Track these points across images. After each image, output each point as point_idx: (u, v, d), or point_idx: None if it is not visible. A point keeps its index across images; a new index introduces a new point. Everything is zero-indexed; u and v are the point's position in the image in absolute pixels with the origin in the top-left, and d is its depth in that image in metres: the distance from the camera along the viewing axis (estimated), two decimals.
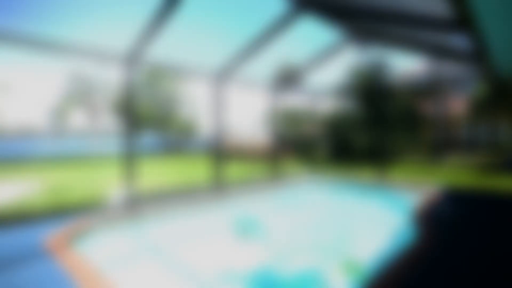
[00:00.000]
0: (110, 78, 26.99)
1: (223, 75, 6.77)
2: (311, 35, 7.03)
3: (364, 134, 17.60)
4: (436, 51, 6.16)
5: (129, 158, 5.42)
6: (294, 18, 5.46)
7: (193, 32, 5.01)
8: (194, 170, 12.65)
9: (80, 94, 25.25)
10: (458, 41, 5.11)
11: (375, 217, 5.84)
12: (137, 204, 5.51)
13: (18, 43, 4.32)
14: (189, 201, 5.71)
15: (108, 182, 9.11)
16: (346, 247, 3.45)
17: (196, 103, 31.16)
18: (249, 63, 6.62)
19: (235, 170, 12.29)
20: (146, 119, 27.93)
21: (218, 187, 6.91)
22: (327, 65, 7.73)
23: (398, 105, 16.18)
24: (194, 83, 30.01)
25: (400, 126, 15.03)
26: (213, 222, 5.70)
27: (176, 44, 5.76)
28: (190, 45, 5.97)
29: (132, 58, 5.23)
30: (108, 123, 29.03)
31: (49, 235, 3.84)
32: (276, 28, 5.65)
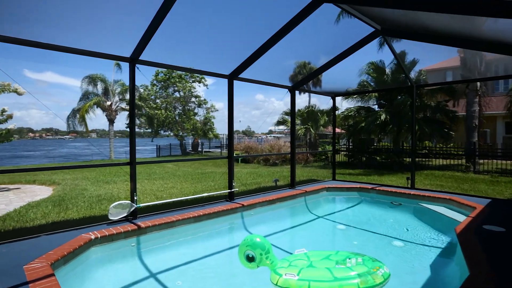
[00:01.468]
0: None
1: (237, 74, 6.20)
2: (334, 27, 6.31)
3: (389, 136, 16.57)
4: (473, 43, 5.33)
5: (132, 163, 4.94)
6: (314, 9, 4.82)
7: (204, 30, 4.63)
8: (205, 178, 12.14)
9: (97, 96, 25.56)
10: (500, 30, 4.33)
11: (407, 235, 5.07)
12: (142, 218, 5.02)
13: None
14: (199, 214, 5.17)
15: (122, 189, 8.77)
16: (377, 278, 2.75)
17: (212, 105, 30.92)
18: (266, 60, 6.02)
19: (252, 175, 11.73)
20: (162, 122, 27.92)
21: (230, 195, 6.34)
22: (349, 61, 7.01)
23: (426, 105, 15.05)
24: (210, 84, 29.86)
25: (429, 128, 13.92)
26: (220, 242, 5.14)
27: (187, 44, 5.25)
28: (201, 44, 5.55)
29: (135, 58, 4.76)
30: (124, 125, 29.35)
31: (33, 257, 3.39)
32: (295, 21, 5.01)
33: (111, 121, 26.13)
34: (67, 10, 3.90)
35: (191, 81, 29.21)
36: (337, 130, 24.15)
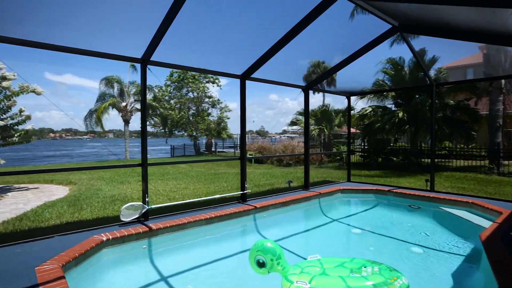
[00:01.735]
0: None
1: (250, 74, 6.11)
2: (348, 25, 6.12)
3: (406, 137, 16.11)
4: (497, 38, 5.02)
5: (144, 164, 4.93)
6: (327, 6, 4.66)
7: (215, 29, 4.61)
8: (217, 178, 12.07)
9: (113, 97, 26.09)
10: None
11: (427, 241, 4.83)
12: (154, 220, 5.00)
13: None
14: (210, 216, 5.10)
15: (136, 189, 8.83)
16: None
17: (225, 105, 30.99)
18: (279, 60, 5.91)
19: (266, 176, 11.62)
20: (176, 122, 28.18)
21: (243, 197, 6.26)
22: (364, 59, 6.79)
23: (446, 104, 14.53)
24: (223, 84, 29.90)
25: (449, 127, 13.42)
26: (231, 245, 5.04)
27: (198, 44, 5.20)
28: (212, 44, 5.55)
29: (146, 59, 4.74)
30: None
31: (46, 258, 3.40)
32: (308, 19, 4.87)
33: (127, 122, 26.61)
34: (80, 12, 3.91)
35: (204, 81, 29.37)
36: (352, 130, 23.70)
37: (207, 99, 30.05)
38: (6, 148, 9.06)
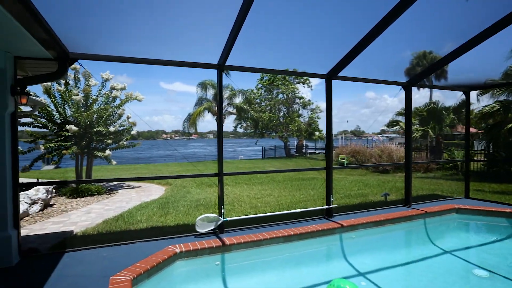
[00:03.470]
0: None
1: (337, 73, 5.37)
2: (465, 3, 4.70)
3: None
4: None
5: (220, 174, 4.75)
6: None
7: (294, 26, 4.22)
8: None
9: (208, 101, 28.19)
10: None
11: None
12: (229, 233, 4.79)
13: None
14: (289, 233, 4.58)
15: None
16: None
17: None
18: (372, 54, 4.98)
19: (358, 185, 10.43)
20: (266, 124, 28.62)
21: (328, 212, 5.56)
22: (489, 42, 5.16)
23: None
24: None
25: None
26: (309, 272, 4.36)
27: (277, 45, 4.78)
28: (293, 43, 5.09)
29: (222, 64, 4.55)
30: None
31: (123, 265, 3.45)
32: (404, 3, 3.84)
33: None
34: (160, 24, 3.93)
35: (295, 82, 29.05)
36: (471, 130, 19.60)
37: (297, 100, 29.67)
38: (130, 149, 10.46)
